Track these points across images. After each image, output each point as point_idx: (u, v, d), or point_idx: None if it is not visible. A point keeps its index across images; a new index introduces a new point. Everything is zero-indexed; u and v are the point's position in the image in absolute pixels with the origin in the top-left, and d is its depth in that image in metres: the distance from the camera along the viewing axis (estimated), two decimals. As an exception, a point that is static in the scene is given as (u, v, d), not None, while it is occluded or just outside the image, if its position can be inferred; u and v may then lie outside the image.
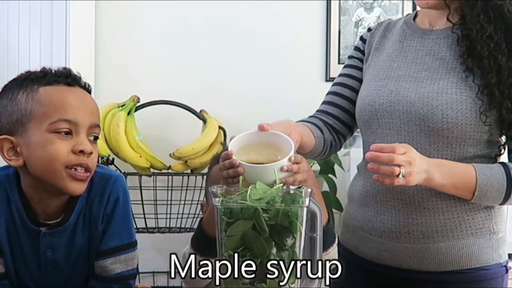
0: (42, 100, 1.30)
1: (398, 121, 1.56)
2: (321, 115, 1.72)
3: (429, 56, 1.59)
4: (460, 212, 1.54)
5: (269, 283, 1.18)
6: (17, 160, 1.31)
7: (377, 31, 1.74)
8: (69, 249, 1.40)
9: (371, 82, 1.65)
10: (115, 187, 1.42)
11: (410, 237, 1.56)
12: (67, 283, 1.42)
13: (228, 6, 3.03)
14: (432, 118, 1.51)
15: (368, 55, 1.73)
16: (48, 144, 1.28)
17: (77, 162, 1.30)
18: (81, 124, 1.31)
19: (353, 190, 1.70)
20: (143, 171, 2.76)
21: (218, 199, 1.21)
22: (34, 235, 1.37)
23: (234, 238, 1.18)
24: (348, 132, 1.74)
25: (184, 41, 3.02)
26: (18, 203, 1.36)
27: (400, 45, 1.66)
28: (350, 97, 1.72)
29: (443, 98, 1.51)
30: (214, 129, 2.77)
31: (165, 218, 2.81)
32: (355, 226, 1.66)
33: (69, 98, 1.32)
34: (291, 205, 1.19)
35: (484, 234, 1.55)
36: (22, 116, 1.30)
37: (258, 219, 1.17)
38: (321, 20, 3.10)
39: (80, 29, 2.81)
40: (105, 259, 1.40)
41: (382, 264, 1.61)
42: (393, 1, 3.13)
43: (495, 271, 1.57)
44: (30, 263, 1.39)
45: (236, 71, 3.03)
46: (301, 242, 1.20)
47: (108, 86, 2.95)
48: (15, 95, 1.32)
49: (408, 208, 1.55)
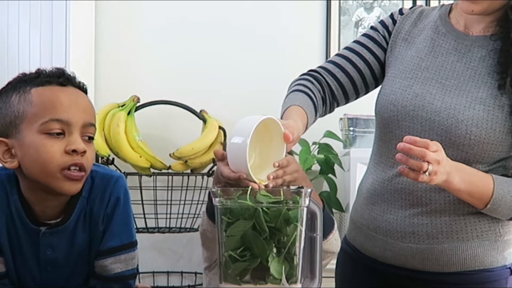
0: (33, 100, 1.29)
1: (419, 127, 1.53)
2: (326, 76, 1.65)
3: (460, 64, 1.55)
4: (466, 214, 1.52)
5: (269, 283, 1.18)
6: (12, 162, 1.31)
7: (409, 17, 1.66)
8: (69, 249, 1.40)
9: (396, 78, 1.60)
10: (116, 187, 1.41)
11: (414, 237, 1.55)
12: (67, 283, 1.42)
13: (228, 6, 3.03)
14: (455, 132, 1.48)
15: (394, 42, 1.65)
16: (40, 146, 1.27)
17: (71, 163, 1.29)
18: (74, 124, 1.30)
19: (362, 187, 1.68)
20: (143, 171, 2.76)
21: (218, 199, 1.21)
22: (34, 235, 1.37)
23: (234, 238, 1.18)
24: (344, 101, 1.68)
25: (184, 41, 3.02)
26: (17, 202, 1.36)
27: (432, 43, 1.60)
28: (362, 70, 1.65)
29: (469, 113, 1.48)
30: (214, 129, 2.77)
31: (165, 218, 2.81)
32: (361, 224, 1.64)
33: (60, 97, 1.31)
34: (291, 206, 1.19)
35: (490, 237, 1.54)
36: (15, 117, 1.29)
37: (258, 219, 1.17)
38: (321, 20, 3.10)
39: (80, 29, 2.81)
40: (105, 259, 1.40)
41: (387, 263, 1.60)
42: (393, 1, 3.13)
43: (499, 273, 1.56)
44: (30, 262, 1.39)
45: (236, 71, 3.03)
46: (301, 242, 1.21)
47: (108, 86, 2.95)
48: (8, 98, 1.31)
49: (414, 209, 1.54)
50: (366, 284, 1.66)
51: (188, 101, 2.82)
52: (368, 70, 1.65)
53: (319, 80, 1.64)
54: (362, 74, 1.65)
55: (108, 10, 2.99)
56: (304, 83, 1.62)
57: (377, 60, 1.66)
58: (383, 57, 1.67)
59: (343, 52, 1.68)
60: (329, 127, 2.76)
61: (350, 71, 1.65)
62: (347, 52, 1.67)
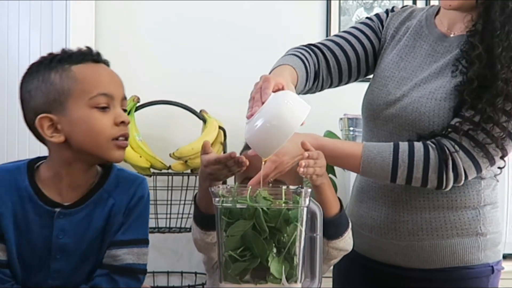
0: (77, 77, 1.37)
1: (391, 124, 1.57)
2: (326, 51, 1.66)
3: (436, 64, 1.58)
4: (446, 212, 1.55)
5: (269, 282, 1.18)
6: (59, 137, 1.38)
7: (399, 15, 1.70)
8: (82, 235, 1.42)
9: (377, 77, 1.65)
10: (141, 187, 1.48)
11: (396, 234, 1.58)
12: (73, 274, 1.43)
13: (228, 6, 3.03)
14: (419, 124, 1.52)
15: (384, 38, 1.69)
16: (92, 119, 1.37)
17: (120, 133, 1.39)
18: (116, 97, 1.40)
19: (353, 186, 1.74)
20: (143, 171, 2.75)
21: (218, 199, 1.21)
22: (47, 218, 1.40)
23: (234, 238, 1.18)
24: (337, 81, 1.69)
25: (184, 41, 3.02)
26: (29, 188, 1.41)
27: (413, 43, 1.63)
28: (358, 53, 1.67)
29: (431, 104, 1.51)
30: (214, 129, 2.77)
31: (165, 218, 2.81)
32: (351, 221, 1.67)
33: (101, 73, 1.42)
34: (291, 206, 1.19)
35: (470, 235, 1.56)
36: (60, 94, 1.36)
37: (258, 219, 1.17)
38: (321, 20, 3.10)
39: (80, 29, 2.81)
40: (119, 249, 1.43)
41: (373, 260, 1.64)
42: (393, 1, 3.13)
43: (479, 271, 1.58)
44: (39, 249, 1.41)
45: (236, 71, 3.03)
46: (301, 242, 1.21)
47: (108, 86, 2.95)
48: (46, 76, 1.37)
49: (396, 206, 1.58)
50: (357, 281, 1.69)
51: (188, 101, 2.82)
52: (364, 55, 1.68)
53: (317, 54, 1.66)
54: (358, 57, 1.68)
55: (108, 10, 2.99)
56: (301, 51, 1.63)
57: (373, 47, 1.69)
58: (378, 46, 1.70)
59: (343, 34, 1.72)
60: (329, 127, 2.77)
61: (348, 52, 1.67)
62: (347, 35, 1.70)
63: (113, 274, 1.42)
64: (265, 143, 1.25)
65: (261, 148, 1.26)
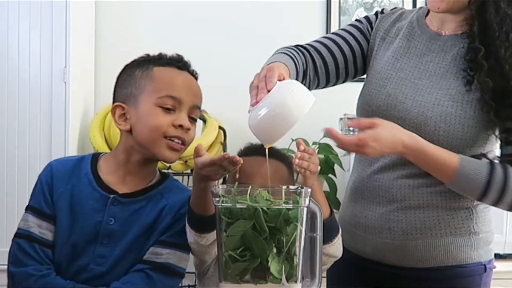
0: (154, 77, 1.51)
1: None
2: (313, 52, 1.67)
3: (433, 63, 1.59)
4: (440, 211, 1.56)
5: (269, 282, 1.18)
6: (125, 125, 1.52)
7: (389, 17, 1.71)
8: (130, 226, 1.48)
9: (372, 79, 1.65)
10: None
11: (390, 233, 1.59)
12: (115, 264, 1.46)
13: (228, 6, 3.03)
14: (425, 128, 1.52)
15: (374, 40, 1.70)
16: (153, 115, 1.48)
17: (174, 134, 1.49)
18: (184, 103, 1.51)
19: (347, 186, 1.75)
20: (143, 171, 2.75)
21: (218, 199, 1.21)
22: (102, 203, 1.49)
23: (234, 238, 1.18)
24: (324, 82, 1.70)
25: (184, 41, 3.02)
26: (90, 174, 1.52)
27: (407, 43, 1.64)
28: (346, 55, 1.68)
29: (438, 110, 1.52)
30: (214, 129, 2.77)
31: (165, 218, 2.81)
32: (345, 221, 1.69)
33: (177, 78, 1.53)
34: (291, 206, 1.19)
35: (463, 234, 1.57)
36: (136, 89, 1.51)
37: (258, 219, 1.17)
38: (321, 20, 3.10)
39: (80, 29, 2.81)
40: (164, 248, 1.48)
41: (368, 259, 1.65)
42: (393, 1, 3.13)
43: (472, 269, 1.59)
44: (89, 232, 1.47)
45: (236, 71, 3.02)
46: (301, 242, 1.21)
47: (108, 86, 2.91)
48: (132, 72, 1.54)
49: (390, 205, 1.59)
50: (351, 280, 1.70)
51: (188, 101, 2.82)
52: (351, 57, 1.68)
53: (305, 54, 1.66)
54: (346, 59, 1.68)
55: (108, 10, 2.99)
56: (290, 50, 1.64)
57: (361, 49, 1.70)
58: (367, 48, 1.70)
59: (330, 35, 1.73)
60: (329, 127, 2.76)
61: (335, 53, 1.68)
62: (334, 36, 1.71)
63: (152, 271, 1.46)
64: (268, 131, 1.26)
65: (264, 135, 1.27)
